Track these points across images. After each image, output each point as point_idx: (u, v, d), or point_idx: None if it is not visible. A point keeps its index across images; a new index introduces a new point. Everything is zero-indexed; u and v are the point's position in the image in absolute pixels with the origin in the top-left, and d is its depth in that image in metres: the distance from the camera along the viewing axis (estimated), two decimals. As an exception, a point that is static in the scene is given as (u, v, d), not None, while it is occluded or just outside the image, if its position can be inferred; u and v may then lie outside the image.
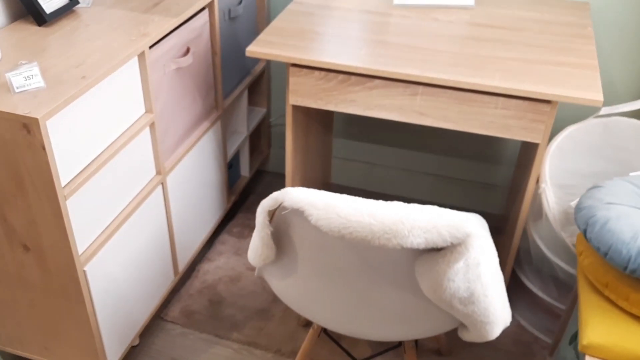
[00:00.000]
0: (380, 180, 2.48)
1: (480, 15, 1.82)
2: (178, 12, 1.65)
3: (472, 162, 2.31)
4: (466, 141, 2.27)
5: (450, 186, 2.39)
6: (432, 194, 2.44)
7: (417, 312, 1.16)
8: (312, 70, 1.62)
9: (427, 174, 2.41)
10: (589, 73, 1.52)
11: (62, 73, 1.33)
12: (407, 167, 2.42)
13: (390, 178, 2.47)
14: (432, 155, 2.35)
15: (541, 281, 1.91)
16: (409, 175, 2.43)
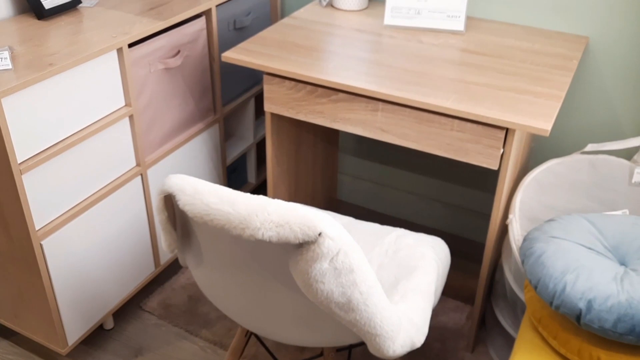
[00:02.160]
0: (388, 201, 2.48)
1: (467, 41, 1.81)
2: (168, 16, 1.76)
3: (480, 192, 2.26)
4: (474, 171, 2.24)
5: (456, 214, 2.35)
6: (438, 221, 2.41)
7: (315, 316, 1.17)
8: (284, 79, 1.68)
9: (434, 200, 2.38)
10: (549, 103, 1.48)
11: (34, 59, 1.46)
12: (414, 191, 2.41)
13: (397, 200, 2.46)
14: (441, 181, 2.32)
15: (514, 317, 1.84)
16: (416, 199, 2.41)
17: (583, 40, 1.82)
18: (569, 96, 1.94)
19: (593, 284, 1.20)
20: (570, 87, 1.93)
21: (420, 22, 1.86)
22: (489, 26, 1.91)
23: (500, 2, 1.92)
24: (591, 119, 1.94)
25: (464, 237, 2.37)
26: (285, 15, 2.27)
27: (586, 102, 1.93)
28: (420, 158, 2.32)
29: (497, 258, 1.84)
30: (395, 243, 1.55)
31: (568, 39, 1.84)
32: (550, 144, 2.03)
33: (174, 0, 1.89)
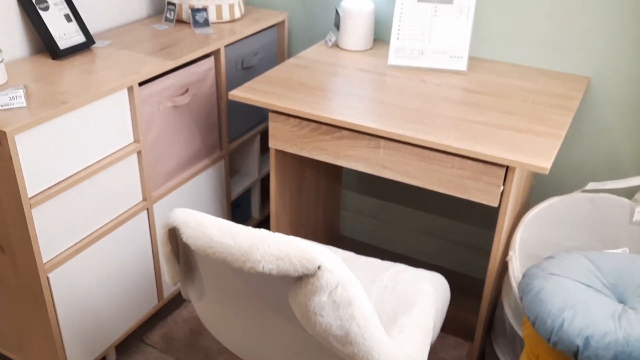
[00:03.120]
0: (389, 237, 2.49)
1: (470, 80, 1.85)
2: (177, 56, 1.82)
3: (481, 229, 2.28)
4: (476, 208, 2.25)
5: (457, 251, 2.36)
6: (438, 257, 2.42)
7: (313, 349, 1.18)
8: (288, 117, 1.72)
9: (435, 236, 2.40)
10: (549, 142, 1.51)
11: (47, 97, 1.52)
12: (415, 227, 2.42)
13: (398, 236, 2.48)
14: (442, 218, 2.34)
15: (513, 354, 1.83)
16: (416, 235, 2.43)
17: (584, 80, 1.86)
18: (570, 135, 1.97)
19: (591, 321, 1.20)
20: (572, 126, 1.96)
21: (424, 62, 1.91)
22: (491, 66, 1.95)
23: (502, 42, 1.97)
24: (592, 157, 1.96)
25: (464, 274, 2.37)
26: (292, 56, 2.33)
27: (587, 140, 1.95)
28: (422, 195, 2.34)
29: (497, 295, 1.85)
30: (394, 278, 1.56)
31: (569, 79, 1.88)
32: (551, 182, 2.05)
33: (184, 41, 1.95)
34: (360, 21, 2.01)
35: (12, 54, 1.74)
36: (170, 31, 2.04)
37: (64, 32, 1.78)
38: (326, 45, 2.11)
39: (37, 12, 1.73)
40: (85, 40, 1.82)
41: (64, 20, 1.79)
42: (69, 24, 1.80)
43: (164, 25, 2.09)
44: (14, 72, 1.66)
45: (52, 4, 1.77)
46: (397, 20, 1.91)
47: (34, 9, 1.72)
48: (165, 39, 1.96)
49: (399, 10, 1.91)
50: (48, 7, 1.76)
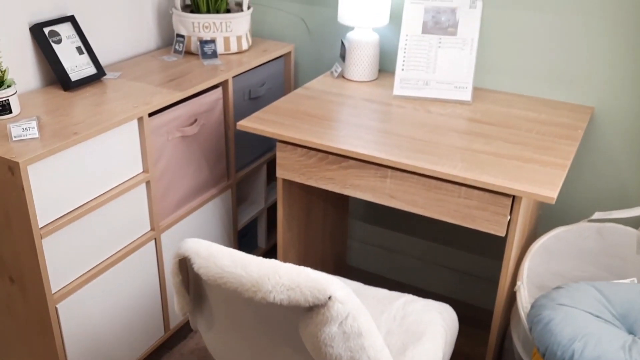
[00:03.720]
0: (397, 267, 2.49)
1: (475, 110, 1.88)
2: (186, 87, 1.85)
3: (488, 259, 2.28)
4: (484, 238, 2.26)
5: (464, 281, 2.35)
6: (446, 287, 2.41)
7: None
8: (296, 147, 1.74)
9: (442, 266, 2.40)
10: (555, 171, 1.52)
11: (59, 128, 1.54)
12: (423, 257, 2.42)
13: (406, 266, 2.47)
14: (449, 247, 2.34)
15: (525, 388, 1.81)
16: (424, 265, 2.43)
17: (588, 110, 1.88)
18: (575, 164, 1.98)
19: (601, 352, 1.20)
20: (577, 156, 1.97)
21: (429, 92, 1.93)
22: (495, 96, 1.98)
23: (506, 73, 2.00)
24: (598, 187, 1.97)
25: (472, 304, 2.36)
26: (299, 86, 2.36)
27: (593, 170, 1.96)
28: (429, 224, 2.35)
29: (505, 325, 1.84)
30: (403, 309, 1.56)
31: (573, 109, 1.90)
32: (557, 212, 2.05)
33: (193, 72, 1.98)
34: (365, 52, 2.05)
35: (25, 86, 1.77)
36: (179, 63, 2.07)
37: (76, 64, 1.81)
38: (332, 75, 2.14)
39: (50, 45, 1.77)
40: (97, 72, 1.86)
41: (75, 53, 1.82)
42: (80, 56, 1.83)
43: (173, 56, 2.12)
44: (26, 104, 1.69)
45: (64, 37, 1.81)
46: (402, 52, 1.94)
47: (47, 42, 1.76)
48: (175, 71, 2.00)
49: (403, 41, 1.94)
50: (61, 40, 1.80)
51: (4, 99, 1.57)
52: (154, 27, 2.19)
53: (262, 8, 2.34)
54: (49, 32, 1.77)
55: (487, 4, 1.94)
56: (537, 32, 1.91)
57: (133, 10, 2.09)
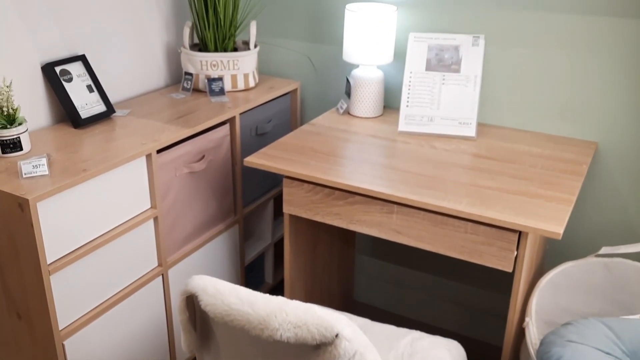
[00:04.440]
0: (404, 303, 2.48)
1: (479, 146, 1.89)
2: (194, 124, 1.88)
3: (496, 294, 2.26)
4: (491, 273, 2.25)
5: (472, 316, 2.34)
6: (454, 323, 2.39)
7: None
8: (302, 183, 1.75)
9: (450, 301, 2.38)
10: (560, 207, 1.53)
11: (69, 165, 1.56)
12: (430, 292, 2.41)
13: (413, 302, 2.46)
14: (456, 282, 2.33)
15: None
16: (431, 300, 2.41)
17: (592, 146, 1.89)
18: (581, 199, 1.98)
19: (612, 390, 1.18)
20: (582, 190, 1.98)
21: (433, 128, 1.95)
22: (499, 132, 1.99)
23: (510, 109, 2.02)
24: (604, 221, 1.97)
25: (481, 340, 2.34)
26: (305, 122, 2.39)
27: (598, 205, 1.97)
28: (436, 259, 2.34)
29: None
30: (411, 346, 1.55)
31: (577, 144, 1.91)
32: (564, 246, 2.05)
33: (201, 109, 2.01)
34: (370, 89, 2.08)
35: (36, 123, 1.81)
36: (187, 100, 2.11)
37: (86, 102, 1.85)
38: (338, 112, 2.17)
39: (61, 83, 1.80)
40: (106, 109, 1.89)
41: (86, 91, 1.86)
42: (90, 94, 1.87)
43: (181, 94, 2.16)
44: (37, 141, 1.71)
45: (75, 75, 1.85)
46: (407, 89, 1.97)
47: (58, 81, 1.80)
48: (183, 108, 2.03)
49: (407, 78, 1.97)
50: (72, 78, 1.84)
51: (15, 136, 1.60)
52: (162, 65, 2.23)
53: (269, 46, 2.38)
54: (60, 71, 1.81)
55: (490, 42, 1.97)
56: (540, 69, 1.94)
57: (142, 49, 2.13)
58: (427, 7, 2.04)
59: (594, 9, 1.81)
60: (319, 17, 2.25)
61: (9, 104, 1.58)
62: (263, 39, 2.38)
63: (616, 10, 1.78)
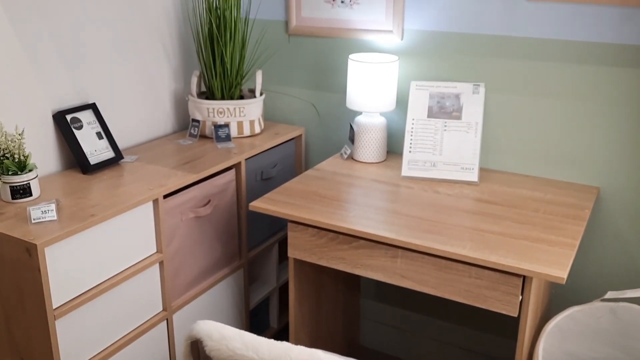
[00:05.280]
0: (409, 348, 2.45)
1: (482, 191, 1.91)
2: (201, 170, 1.91)
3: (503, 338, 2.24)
4: (497, 317, 2.23)
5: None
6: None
7: None
8: (307, 227, 1.77)
9: (456, 346, 2.36)
10: (564, 251, 1.53)
11: (77, 211, 1.59)
12: (436, 337, 2.39)
13: (418, 347, 2.44)
14: (462, 327, 2.31)
15: None
16: (437, 345, 2.39)
17: (594, 190, 1.91)
18: (584, 243, 1.99)
19: None
20: (585, 235, 1.98)
21: (436, 173, 1.98)
22: (501, 177, 2.02)
23: (511, 154, 2.05)
24: (608, 265, 1.97)
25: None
26: (309, 167, 2.42)
27: (602, 249, 1.97)
28: (441, 303, 2.33)
29: (524, 409, 1.79)
30: (416, 392, 1.53)
31: (579, 189, 1.93)
32: (569, 291, 2.04)
33: (207, 155, 2.05)
34: (373, 135, 2.11)
35: (46, 169, 1.84)
36: (194, 146, 2.15)
37: (95, 149, 1.89)
38: (342, 157, 2.20)
39: (72, 131, 1.85)
40: (115, 155, 1.93)
41: (95, 138, 1.90)
42: (100, 141, 1.91)
43: (188, 140, 2.20)
44: (46, 186, 1.75)
45: (85, 123, 1.90)
46: (409, 135, 2.01)
47: (68, 128, 1.84)
48: (189, 153, 2.07)
49: (410, 125, 2.01)
50: (82, 126, 1.88)
51: (25, 182, 1.63)
52: (170, 112, 2.29)
53: (274, 94, 2.44)
54: (71, 118, 1.86)
55: (490, 90, 2.02)
56: (540, 115, 1.97)
57: (151, 97, 2.19)
58: (427, 56, 2.10)
59: (591, 59, 1.86)
60: (323, 66, 2.31)
61: (21, 151, 1.62)
62: (269, 87, 2.43)
63: (612, 60, 1.83)
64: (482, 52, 2.00)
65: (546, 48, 1.91)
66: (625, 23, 1.79)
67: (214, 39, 2.14)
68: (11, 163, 1.61)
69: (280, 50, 2.37)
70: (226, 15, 2.11)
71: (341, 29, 2.21)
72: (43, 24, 1.77)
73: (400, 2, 2.08)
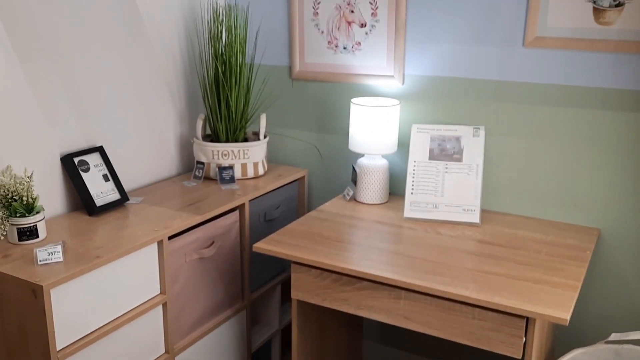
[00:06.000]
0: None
1: (484, 232, 1.93)
2: (205, 211, 1.93)
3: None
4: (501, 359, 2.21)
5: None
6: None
7: None
8: (310, 268, 1.78)
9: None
10: (566, 293, 1.54)
11: (83, 252, 1.60)
12: (440, 381, 2.36)
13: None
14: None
15: None
16: (440, 390, 2.36)
17: (595, 232, 1.93)
18: (586, 285, 1.99)
19: None
20: (587, 276, 1.99)
21: (438, 215, 2.00)
22: (503, 218, 2.04)
23: (512, 196, 2.07)
24: (611, 307, 1.97)
25: None
26: (312, 209, 2.44)
27: (604, 290, 1.97)
28: (445, 345, 2.31)
29: None
30: None
31: (580, 230, 1.94)
32: (573, 332, 2.03)
33: (212, 197, 2.07)
34: (375, 177, 2.14)
35: (52, 211, 1.86)
36: (199, 188, 2.18)
37: (101, 191, 1.91)
38: (344, 198, 2.22)
39: (79, 173, 1.88)
40: (120, 197, 1.95)
41: (102, 180, 1.93)
42: (106, 183, 1.94)
43: (192, 182, 2.23)
44: (52, 228, 1.76)
45: (92, 165, 1.93)
46: (411, 177, 2.03)
47: (76, 171, 1.87)
48: (194, 195, 2.09)
49: (412, 167, 2.04)
50: (89, 168, 1.91)
51: (32, 224, 1.65)
52: (175, 154, 2.32)
53: (278, 136, 2.48)
54: (78, 161, 1.89)
55: (490, 132, 2.06)
56: (539, 158, 2.00)
57: (157, 140, 2.23)
58: (428, 100, 2.15)
59: (588, 103, 1.90)
60: (326, 109, 2.35)
61: (29, 193, 1.64)
62: (272, 130, 2.48)
63: (609, 104, 1.87)
64: (482, 96, 2.05)
65: (543, 92, 1.95)
66: (620, 69, 1.84)
67: (219, 84, 2.19)
68: (19, 205, 1.63)
69: (284, 94, 2.42)
70: (232, 61, 2.17)
71: (343, 74, 2.27)
72: (54, 69, 1.82)
73: (401, 48, 2.14)
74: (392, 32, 2.14)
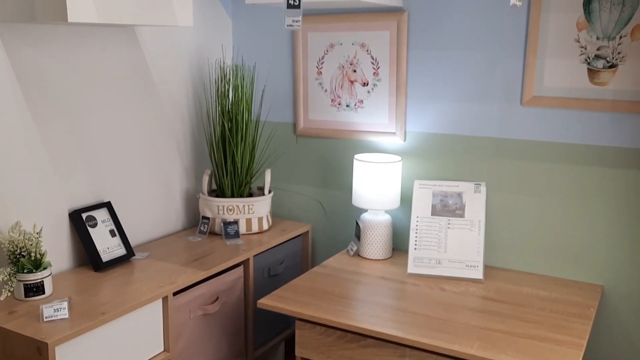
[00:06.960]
0: None
1: (487, 289, 1.93)
2: (210, 267, 1.95)
3: None
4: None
5: None
6: None
7: None
8: (315, 325, 1.78)
9: None
10: (571, 351, 1.53)
11: (89, 309, 1.61)
12: None
13: None
14: None
15: None
16: None
17: (598, 289, 1.93)
18: (591, 341, 1.98)
19: None
20: (592, 333, 1.98)
21: (441, 271, 2.01)
22: (506, 275, 2.04)
23: (515, 252, 2.08)
24: (618, 365, 1.95)
25: None
26: (316, 264, 2.45)
27: (609, 347, 1.96)
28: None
29: None
30: None
31: (583, 287, 1.95)
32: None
33: (216, 252, 2.09)
34: (379, 232, 2.16)
35: (59, 266, 1.88)
36: (204, 243, 2.19)
37: (108, 246, 1.93)
38: (348, 254, 2.23)
39: (86, 229, 1.90)
40: (126, 252, 1.97)
41: (108, 235, 1.95)
42: (113, 239, 1.96)
43: (198, 237, 2.25)
44: (58, 284, 1.78)
45: (100, 221, 1.95)
46: (414, 232, 2.05)
47: (83, 226, 1.90)
48: (199, 250, 2.11)
49: (414, 222, 2.06)
50: (96, 224, 1.94)
51: (39, 280, 1.66)
52: (181, 210, 2.35)
53: (282, 192, 2.51)
54: (86, 217, 1.92)
55: (491, 189, 2.09)
56: (541, 214, 2.03)
57: (164, 195, 2.26)
58: (429, 157, 2.19)
59: (586, 160, 1.94)
60: (329, 165, 2.40)
61: (37, 249, 1.66)
62: (277, 185, 2.51)
63: (607, 162, 1.91)
64: (482, 153, 2.09)
65: (542, 149, 1.99)
66: (616, 127, 1.88)
67: (226, 140, 2.24)
68: (27, 261, 1.65)
69: (288, 150, 2.47)
70: (238, 119, 2.22)
71: (346, 131, 2.32)
72: (66, 127, 1.87)
73: (402, 106, 2.19)
74: (394, 91, 2.20)
